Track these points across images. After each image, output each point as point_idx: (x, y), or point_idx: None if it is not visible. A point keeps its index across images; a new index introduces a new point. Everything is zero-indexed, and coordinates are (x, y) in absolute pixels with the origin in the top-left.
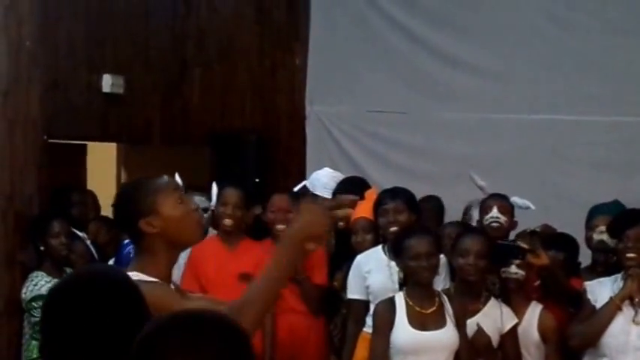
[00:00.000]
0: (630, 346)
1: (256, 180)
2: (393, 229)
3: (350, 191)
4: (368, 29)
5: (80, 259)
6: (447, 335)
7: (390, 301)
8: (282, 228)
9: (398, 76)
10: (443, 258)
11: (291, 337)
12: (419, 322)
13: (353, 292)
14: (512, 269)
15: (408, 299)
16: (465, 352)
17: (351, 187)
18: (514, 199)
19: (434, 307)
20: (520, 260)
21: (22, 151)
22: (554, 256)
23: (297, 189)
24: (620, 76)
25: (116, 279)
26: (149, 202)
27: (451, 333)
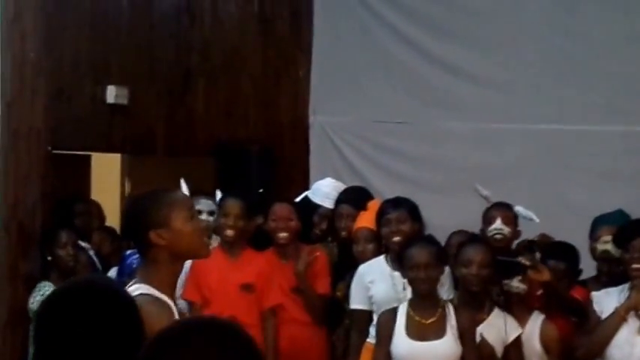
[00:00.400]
0: (635, 358)
1: (260, 190)
2: (395, 238)
3: (351, 201)
4: (371, 39)
5: (83, 269)
6: (445, 346)
7: (393, 311)
8: (283, 236)
9: (402, 86)
10: (447, 268)
11: (293, 347)
12: (417, 332)
13: (356, 303)
14: (514, 283)
15: (409, 309)
16: None
17: (353, 197)
18: (518, 208)
19: (434, 318)
20: (521, 276)
21: (26, 162)
22: (554, 266)
23: (299, 199)
24: (627, 86)
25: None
26: (162, 214)
27: (449, 344)
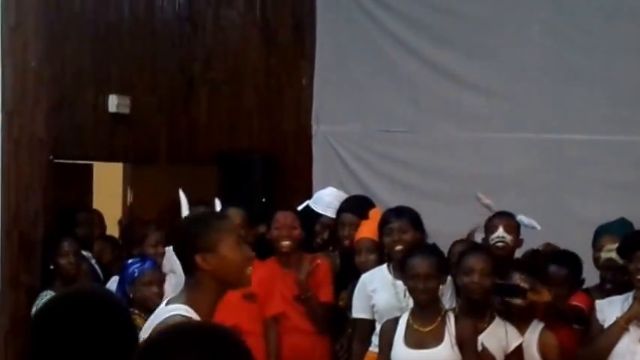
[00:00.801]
0: None
1: (263, 199)
2: (397, 248)
3: (354, 210)
4: (374, 48)
5: (85, 278)
6: (442, 353)
7: (394, 321)
8: (286, 244)
9: (405, 96)
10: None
11: (296, 356)
12: (415, 340)
13: (358, 312)
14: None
15: (410, 318)
16: None
17: (355, 206)
18: (520, 217)
19: (433, 326)
20: (521, 300)
21: (28, 171)
22: (556, 272)
23: (301, 208)
24: (632, 96)
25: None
26: (210, 239)
27: (446, 351)
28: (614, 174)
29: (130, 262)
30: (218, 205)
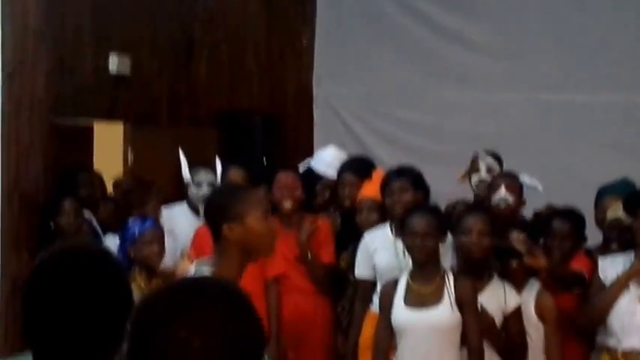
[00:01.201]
0: (635, 326)
1: (264, 160)
2: (398, 208)
3: (355, 170)
4: (375, 9)
5: (86, 238)
6: (441, 313)
7: (394, 282)
8: (288, 204)
9: (406, 56)
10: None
11: (297, 316)
12: (415, 301)
13: (360, 271)
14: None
15: (409, 278)
16: (475, 334)
17: (356, 166)
18: (523, 177)
19: (432, 286)
20: (516, 263)
21: (28, 132)
22: (559, 227)
23: (302, 168)
24: (633, 55)
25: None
26: (237, 209)
27: (445, 311)
28: (616, 134)
29: (131, 221)
30: (219, 166)
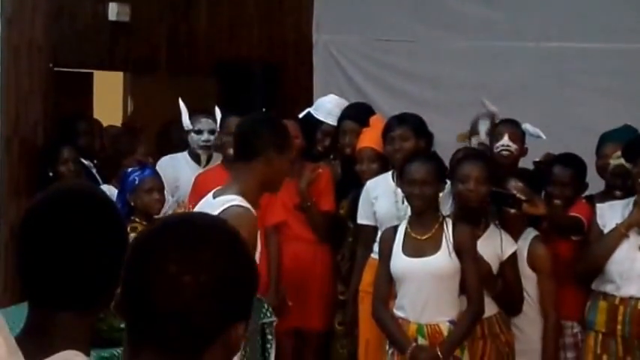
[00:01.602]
0: (635, 273)
1: (263, 109)
2: (398, 156)
3: (355, 117)
4: None
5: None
6: (438, 261)
7: (393, 229)
8: None
9: (406, 4)
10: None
11: (297, 264)
12: (413, 248)
13: (362, 218)
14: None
15: (407, 226)
16: (474, 281)
17: (357, 113)
18: (525, 125)
19: (430, 234)
20: (516, 210)
21: (27, 79)
22: (560, 173)
23: (302, 115)
24: (635, 2)
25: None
26: (279, 144)
27: (443, 259)
28: (615, 82)
29: (130, 170)
30: (218, 114)
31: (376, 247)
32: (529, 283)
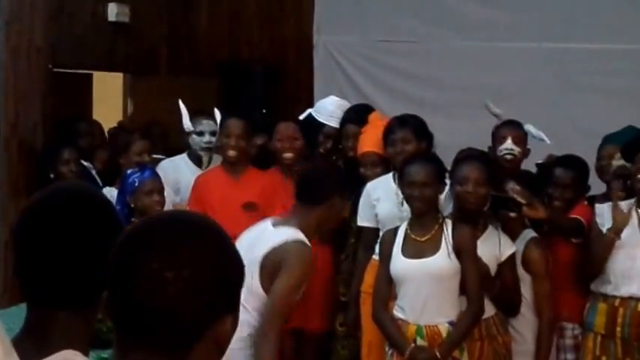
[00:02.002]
0: (635, 272)
1: (263, 110)
2: (400, 158)
3: (357, 121)
4: None
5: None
6: (437, 262)
7: (394, 231)
8: (288, 156)
9: (407, 5)
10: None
11: None
12: (413, 250)
13: (363, 220)
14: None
15: (407, 228)
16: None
17: (358, 116)
18: (528, 127)
19: (430, 235)
20: (515, 214)
21: (26, 80)
22: (563, 175)
23: (303, 117)
24: (636, 2)
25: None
26: (338, 196)
27: (442, 260)
28: (618, 83)
29: (130, 172)
30: (218, 116)
31: (377, 248)
32: (524, 284)
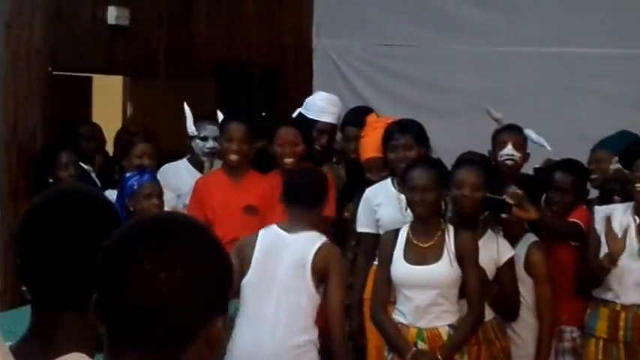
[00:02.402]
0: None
1: (263, 114)
2: (402, 165)
3: (357, 122)
4: None
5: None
6: (440, 270)
7: (394, 233)
8: (289, 162)
9: (406, 9)
10: None
11: None
12: (415, 256)
13: (363, 226)
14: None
15: (409, 232)
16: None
17: (359, 119)
18: (528, 132)
19: (432, 242)
20: (507, 215)
21: (26, 82)
22: (562, 179)
23: (294, 116)
24: (633, 8)
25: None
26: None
27: (444, 268)
28: (616, 87)
29: (129, 175)
30: (220, 118)
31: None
32: (526, 288)
